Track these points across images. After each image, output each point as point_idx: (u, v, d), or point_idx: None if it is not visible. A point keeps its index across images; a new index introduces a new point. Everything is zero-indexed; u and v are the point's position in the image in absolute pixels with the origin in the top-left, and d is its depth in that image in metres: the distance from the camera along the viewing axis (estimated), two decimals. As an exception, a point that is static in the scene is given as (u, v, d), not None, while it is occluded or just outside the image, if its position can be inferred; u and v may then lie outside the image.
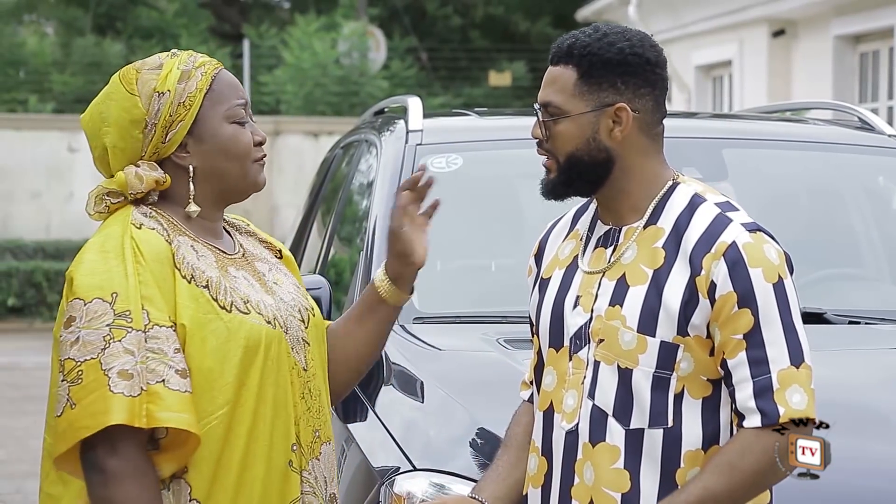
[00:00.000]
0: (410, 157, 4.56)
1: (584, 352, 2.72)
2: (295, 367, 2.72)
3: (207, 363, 2.60)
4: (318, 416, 2.76)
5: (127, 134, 2.71)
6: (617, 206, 2.76)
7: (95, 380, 2.53)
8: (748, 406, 2.60)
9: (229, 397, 2.61)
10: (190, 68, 2.73)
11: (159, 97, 2.70)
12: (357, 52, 21.38)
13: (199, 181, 2.73)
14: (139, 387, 2.53)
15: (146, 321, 2.57)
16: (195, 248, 2.70)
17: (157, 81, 2.71)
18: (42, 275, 17.14)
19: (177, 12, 24.01)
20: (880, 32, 13.51)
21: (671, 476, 2.65)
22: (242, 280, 2.73)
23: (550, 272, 2.85)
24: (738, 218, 2.68)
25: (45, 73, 21.41)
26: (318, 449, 2.76)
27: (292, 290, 2.84)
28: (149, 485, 2.56)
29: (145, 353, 2.55)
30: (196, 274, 2.65)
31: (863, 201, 4.93)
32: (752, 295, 2.61)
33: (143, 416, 2.52)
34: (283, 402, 2.68)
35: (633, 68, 2.72)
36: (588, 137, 2.71)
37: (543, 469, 2.78)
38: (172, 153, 2.72)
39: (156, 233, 2.67)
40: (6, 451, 9.46)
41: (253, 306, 2.68)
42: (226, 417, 2.61)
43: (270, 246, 2.94)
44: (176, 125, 2.70)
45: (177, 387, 2.55)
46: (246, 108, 2.77)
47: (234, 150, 2.73)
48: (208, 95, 2.73)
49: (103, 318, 2.56)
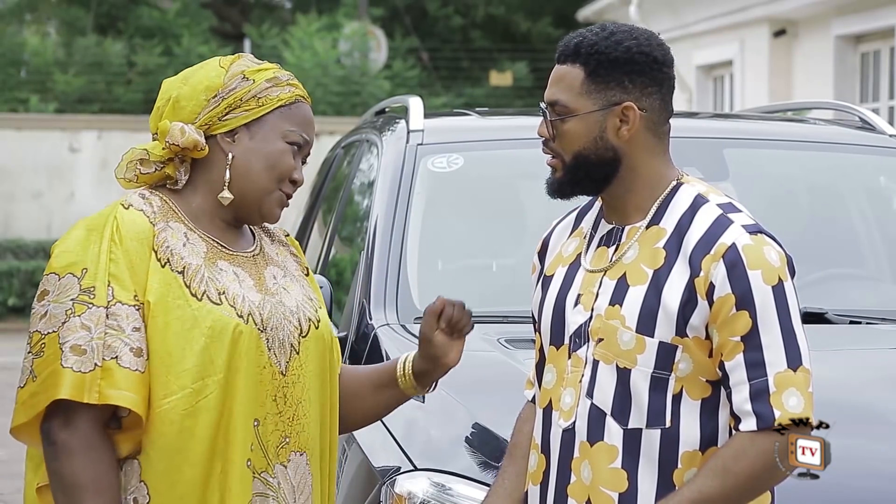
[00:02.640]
0: (411, 157, 4.57)
1: (584, 350, 2.72)
2: (269, 367, 2.70)
3: (168, 347, 2.61)
4: (290, 423, 2.72)
5: (195, 94, 2.75)
6: (622, 206, 2.76)
7: (52, 353, 2.58)
8: (744, 409, 2.59)
9: (185, 383, 2.60)
10: (283, 80, 2.78)
11: (242, 79, 2.75)
12: (358, 52, 21.38)
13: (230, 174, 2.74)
14: (93, 362, 2.56)
15: (110, 297, 2.60)
16: (188, 235, 2.71)
17: (250, 69, 2.77)
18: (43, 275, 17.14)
19: (178, 12, 24.00)
20: (881, 32, 13.51)
21: (669, 476, 2.65)
22: (230, 274, 2.72)
23: (553, 270, 2.85)
24: (740, 220, 2.67)
25: (47, 72, 21.41)
26: (285, 455, 2.71)
27: (301, 300, 2.81)
28: (98, 459, 2.57)
29: (104, 329, 2.58)
30: (173, 258, 2.66)
31: (864, 201, 4.93)
32: (750, 297, 2.60)
33: (96, 391, 2.55)
34: (244, 398, 2.66)
35: (640, 67, 2.72)
36: (595, 136, 2.71)
37: (542, 466, 2.78)
38: (220, 133, 2.74)
39: (142, 213, 2.68)
40: (7, 451, 9.46)
41: (227, 298, 2.67)
42: (183, 402, 2.60)
43: (300, 262, 2.93)
44: (240, 111, 2.74)
45: (128, 364, 2.57)
46: (304, 149, 2.80)
47: (274, 163, 2.75)
48: (283, 109, 2.77)
49: (69, 293, 2.60)
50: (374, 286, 4.21)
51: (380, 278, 4.22)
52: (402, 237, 4.34)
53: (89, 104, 20.82)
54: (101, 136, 18.38)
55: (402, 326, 4.04)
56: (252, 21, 26.15)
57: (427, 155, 4.57)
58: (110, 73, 21.46)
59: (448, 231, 4.63)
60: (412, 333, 4.03)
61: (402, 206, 4.43)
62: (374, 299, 4.17)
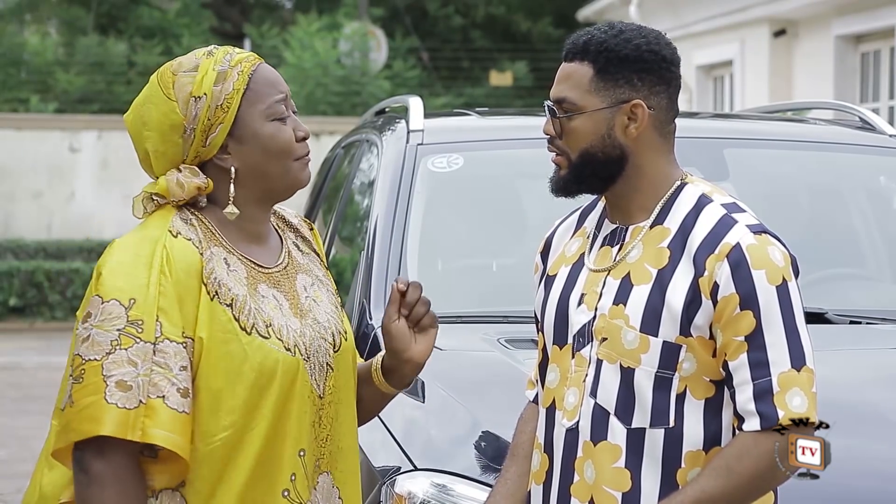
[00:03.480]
0: (411, 157, 4.57)
1: (587, 350, 2.72)
2: (311, 394, 2.68)
3: (218, 383, 2.57)
4: (323, 445, 2.71)
5: (167, 139, 2.66)
6: (626, 205, 2.75)
7: (94, 384, 2.52)
8: (748, 409, 2.59)
9: (235, 419, 2.58)
10: (226, 68, 2.66)
11: (196, 101, 2.64)
12: (358, 52, 21.38)
13: (240, 182, 2.68)
14: (137, 399, 2.51)
15: (157, 333, 2.54)
16: (228, 260, 2.66)
17: (194, 85, 2.65)
18: (43, 274, 17.14)
19: (179, 12, 24.02)
20: (881, 32, 13.51)
21: (672, 476, 2.65)
22: (271, 300, 2.68)
23: (556, 269, 2.85)
24: (744, 219, 2.67)
25: (47, 72, 21.42)
26: (315, 478, 2.70)
27: (329, 310, 2.78)
28: (128, 493, 2.54)
29: (151, 365, 2.53)
30: (221, 290, 2.61)
31: (864, 201, 4.93)
32: (754, 297, 2.60)
33: (139, 429, 2.51)
34: (294, 433, 2.64)
35: (649, 65, 2.72)
36: (603, 134, 2.71)
37: (545, 466, 2.78)
38: (214, 156, 2.67)
39: (191, 243, 2.62)
40: (7, 451, 9.47)
41: (274, 331, 2.63)
42: (231, 439, 2.58)
43: (321, 257, 2.89)
44: (215, 128, 2.65)
45: (175, 405, 2.53)
46: (286, 102, 2.71)
47: (274, 148, 2.68)
48: (246, 95, 2.67)
49: (115, 322, 2.54)
50: (374, 286, 4.21)
51: (380, 278, 4.22)
52: (402, 237, 4.34)
53: (89, 104, 20.83)
54: (102, 136, 18.38)
55: (403, 326, 4.04)
56: (252, 21, 26.17)
57: (427, 155, 4.58)
58: (111, 72, 21.47)
59: (448, 231, 4.63)
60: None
61: (402, 206, 4.43)
62: (374, 299, 4.17)
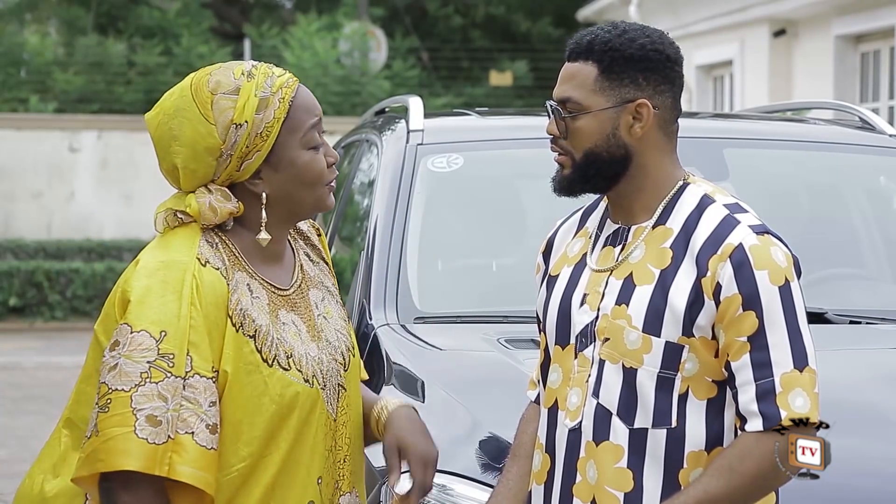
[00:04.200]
0: (411, 157, 4.57)
1: (590, 350, 2.72)
2: (327, 420, 2.68)
3: (238, 415, 2.57)
4: (340, 467, 2.72)
5: (200, 159, 2.63)
6: (629, 205, 2.75)
7: (122, 415, 2.50)
8: (750, 409, 2.59)
9: (253, 450, 2.58)
10: (268, 94, 2.63)
11: (237, 129, 2.61)
12: (358, 51, 21.37)
13: (269, 206, 2.67)
14: (166, 434, 2.50)
15: (188, 368, 2.53)
16: (251, 287, 2.65)
17: (235, 112, 2.62)
18: (43, 274, 17.14)
19: (178, 12, 24.00)
20: (881, 32, 13.51)
21: (674, 476, 2.65)
22: (291, 327, 2.67)
23: (559, 269, 2.85)
24: (746, 220, 2.67)
25: (47, 72, 21.41)
26: (336, 500, 2.72)
27: (339, 326, 2.78)
28: None
29: (180, 400, 2.51)
30: (245, 322, 2.60)
31: (864, 201, 4.93)
32: (757, 297, 2.60)
33: (166, 464, 2.49)
34: (308, 461, 2.64)
35: (654, 64, 2.72)
36: (608, 133, 2.71)
37: (546, 466, 2.78)
38: (246, 180, 2.66)
39: (219, 273, 2.61)
40: (7, 451, 9.46)
41: (295, 362, 2.63)
42: (247, 469, 2.59)
43: (329, 264, 2.88)
44: (252, 155, 2.63)
45: (203, 442, 2.52)
46: (318, 126, 2.70)
47: (309, 177, 2.67)
48: (285, 124, 2.65)
49: (146, 354, 2.52)
50: (374, 286, 4.21)
51: (380, 278, 4.22)
52: (402, 237, 4.34)
53: (89, 104, 20.82)
54: (101, 136, 18.38)
55: (402, 326, 4.04)
56: (252, 21, 26.16)
57: (427, 155, 4.58)
58: (110, 72, 21.46)
59: (448, 231, 4.63)
60: (412, 333, 4.03)
61: (402, 206, 4.43)
62: (373, 299, 4.17)
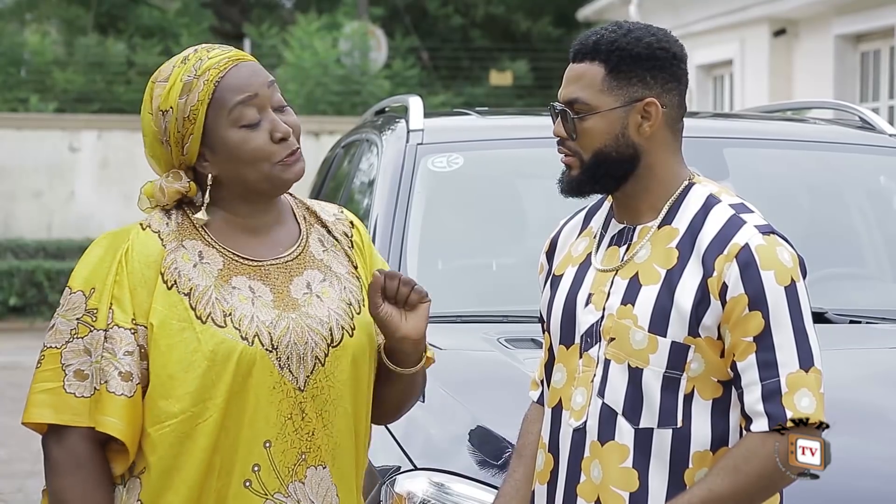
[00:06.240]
0: (411, 157, 4.57)
1: (595, 350, 2.72)
2: (282, 385, 2.65)
3: (169, 370, 2.59)
4: (309, 439, 2.67)
5: (155, 146, 2.71)
6: (635, 204, 2.75)
7: (53, 370, 2.60)
8: (756, 409, 2.59)
9: (186, 406, 2.59)
10: (192, 78, 2.64)
11: (163, 115, 2.66)
12: (358, 51, 21.37)
13: (224, 186, 2.69)
14: (92, 387, 2.58)
15: (109, 321, 2.60)
16: (203, 253, 2.67)
17: (161, 98, 2.66)
18: (43, 274, 17.15)
19: (178, 11, 24.03)
20: (881, 32, 13.51)
21: (680, 476, 2.64)
22: (244, 292, 2.66)
23: (563, 269, 2.84)
24: (753, 220, 2.67)
25: (47, 72, 21.42)
26: (301, 472, 2.66)
27: (335, 306, 2.73)
28: (86, 479, 2.59)
29: (101, 352, 2.59)
30: (180, 280, 2.63)
31: (864, 201, 4.94)
32: (763, 297, 2.59)
33: (90, 416, 2.57)
34: (250, 421, 2.63)
35: (661, 63, 2.71)
36: (617, 133, 2.70)
37: (550, 465, 2.77)
38: (196, 163, 2.69)
39: (157, 236, 2.66)
40: (7, 451, 9.46)
41: (233, 320, 2.62)
42: (182, 426, 2.59)
43: (352, 258, 2.82)
44: (187, 139, 2.66)
45: (114, 389, 2.57)
46: (259, 101, 2.66)
47: (245, 156, 2.66)
48: (211, 105, 2.64)
49: (76, 311, 2.62)
50: (374, 286, 4.20)
51: (380, 278, 4.22)
52: (402, 237, 4.34)
53: (89, 103, 20.83)
54: (101, 136, 18.38)
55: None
56: (252, 20, 26.17)
57: (427, 154, 4.58)
58: (110, 72, 21.47)
59: (448, 231, 4.64)
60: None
61: (402, 206, 4.43)
62: (374, 299, 4.16)
